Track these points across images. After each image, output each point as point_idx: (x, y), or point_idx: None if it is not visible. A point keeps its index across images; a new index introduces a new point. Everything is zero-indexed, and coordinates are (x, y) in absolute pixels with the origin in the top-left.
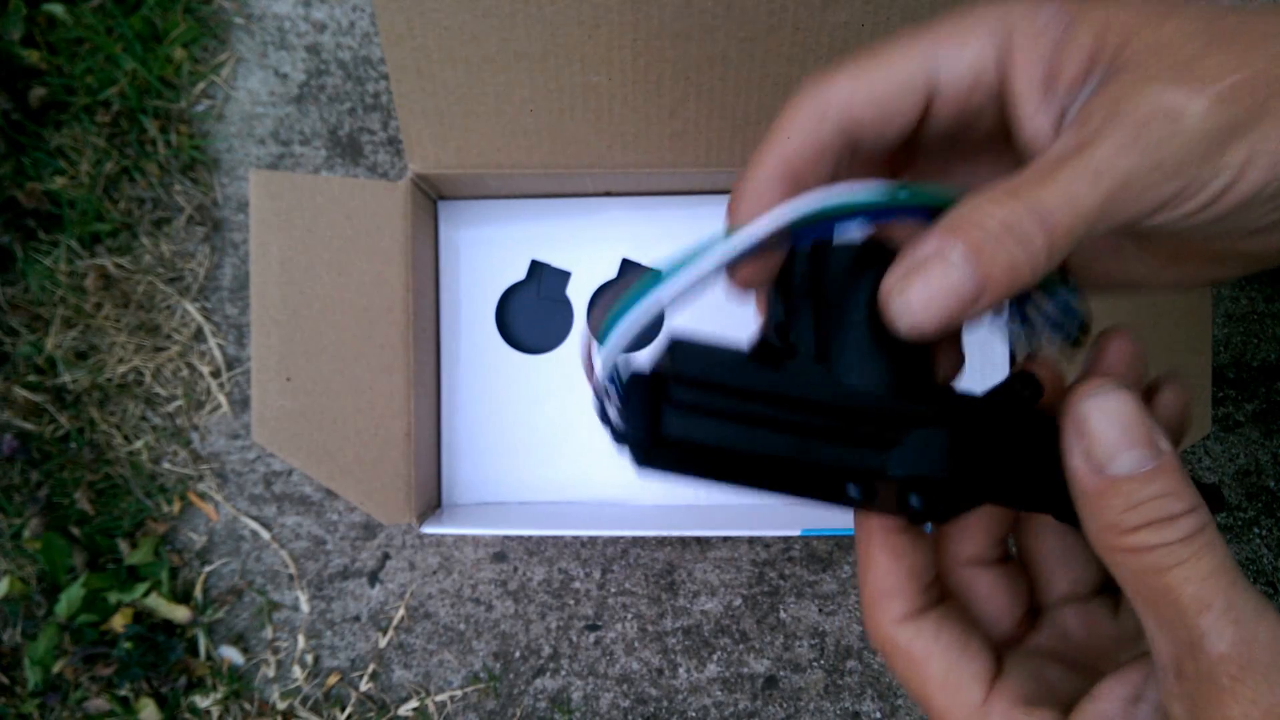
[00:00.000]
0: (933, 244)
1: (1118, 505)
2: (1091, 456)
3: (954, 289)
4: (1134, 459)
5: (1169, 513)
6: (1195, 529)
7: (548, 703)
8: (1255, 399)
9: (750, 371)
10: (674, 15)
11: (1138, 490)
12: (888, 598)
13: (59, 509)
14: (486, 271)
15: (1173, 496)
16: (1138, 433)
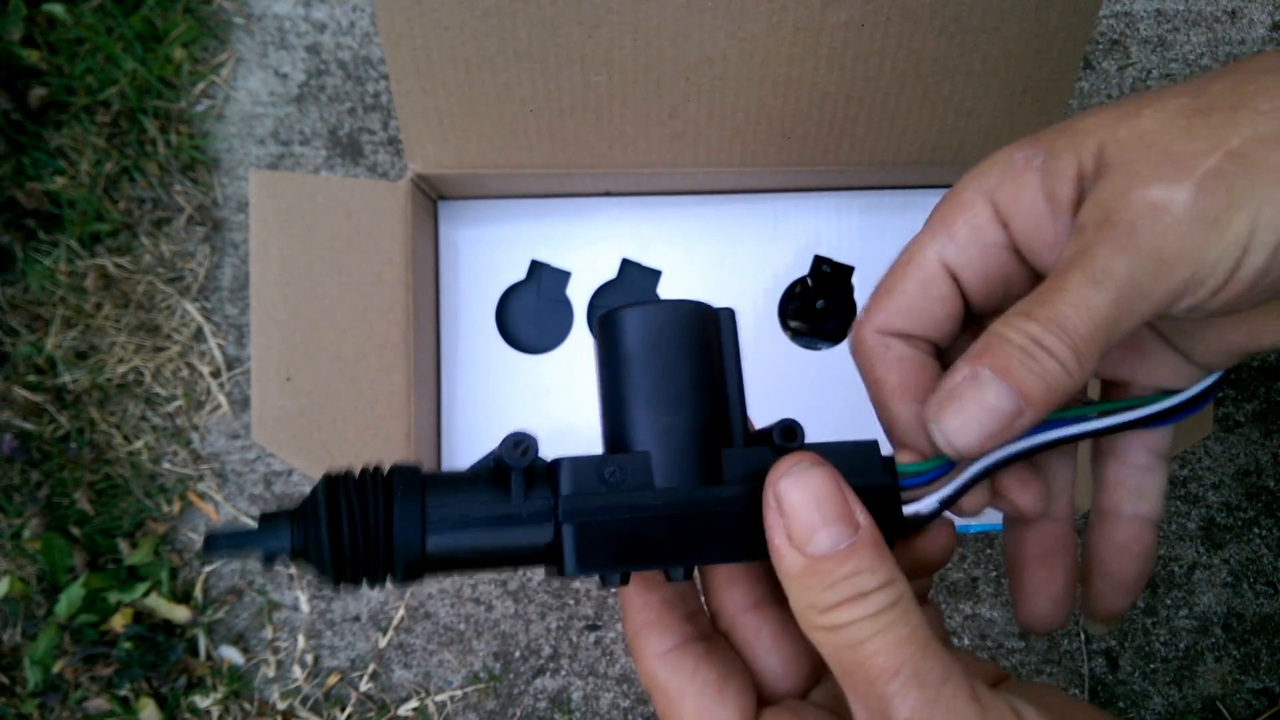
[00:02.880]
0: (963, 370)
1: (815, 585)
2: (792, 536)
3: (991, 410)
4: (830, 537)
5: (862, 589)
6: (887, 603)
7: (548, 703)
8: (1255, 399)
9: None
10: (674, 16)
11: (834, 569)
12: (647, 631)
13: (59, 509)
14: (486, 271)
15: (867, 573)
16: (834, 510)
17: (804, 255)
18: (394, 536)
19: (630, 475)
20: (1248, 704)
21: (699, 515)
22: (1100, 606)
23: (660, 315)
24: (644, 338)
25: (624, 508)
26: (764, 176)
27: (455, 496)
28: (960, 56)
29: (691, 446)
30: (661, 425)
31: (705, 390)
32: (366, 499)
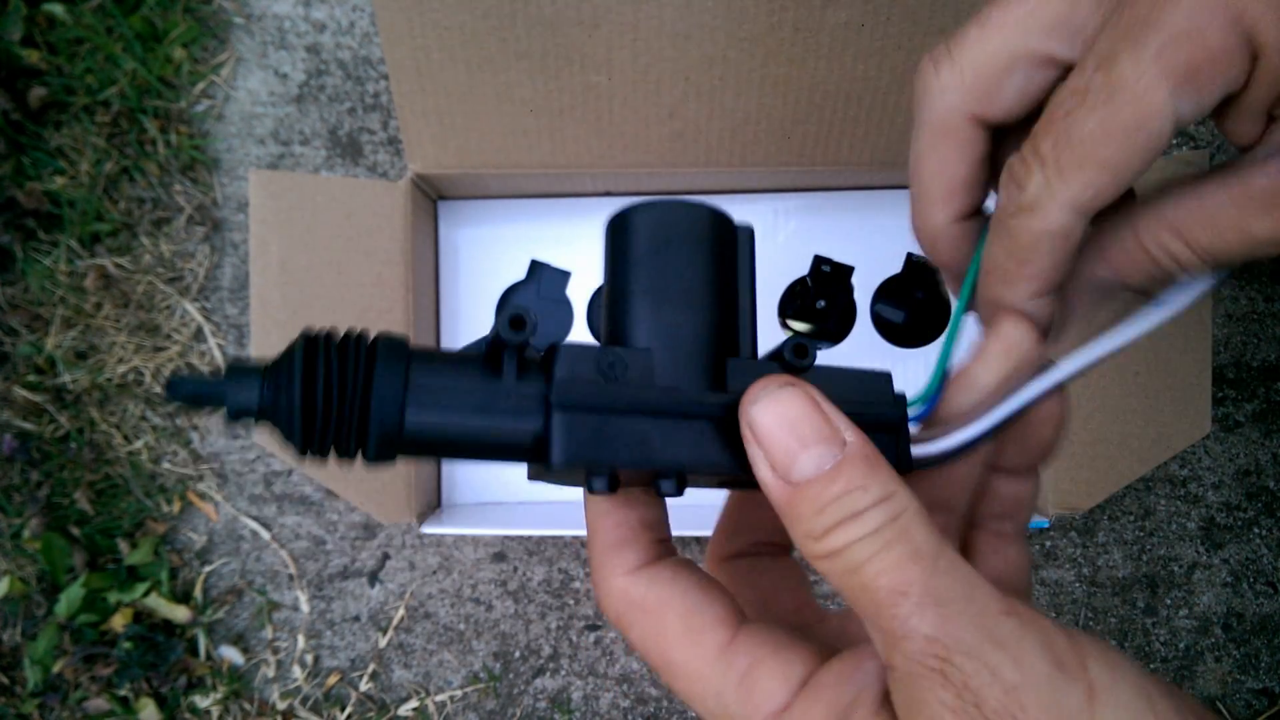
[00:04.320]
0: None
1: (806, 512)
2: (774, 465)
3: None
4: (813, 460)
5: (855, 509)
6: (886, 519)
7: (548, 703)
8: (1255, 399)
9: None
10: (674, 15)
11: (821, 492)
12: (617, 550)
13: (59, 509)
14: (486, 271)
15: (858, 490)
16: (812, 429)
17: (804, 255)
18: (371, 403)
19: (631, 369)
20: (1248, 704)
21: (700, 420)
22: None
23: (676, 213)
24: (656, 234)
25: (622, 400)
26: (764, 176)
27: (443, 371)
28: None
29: (697, 348)
30: (667, 323)
31: (716, 295)
32: (347, 361)
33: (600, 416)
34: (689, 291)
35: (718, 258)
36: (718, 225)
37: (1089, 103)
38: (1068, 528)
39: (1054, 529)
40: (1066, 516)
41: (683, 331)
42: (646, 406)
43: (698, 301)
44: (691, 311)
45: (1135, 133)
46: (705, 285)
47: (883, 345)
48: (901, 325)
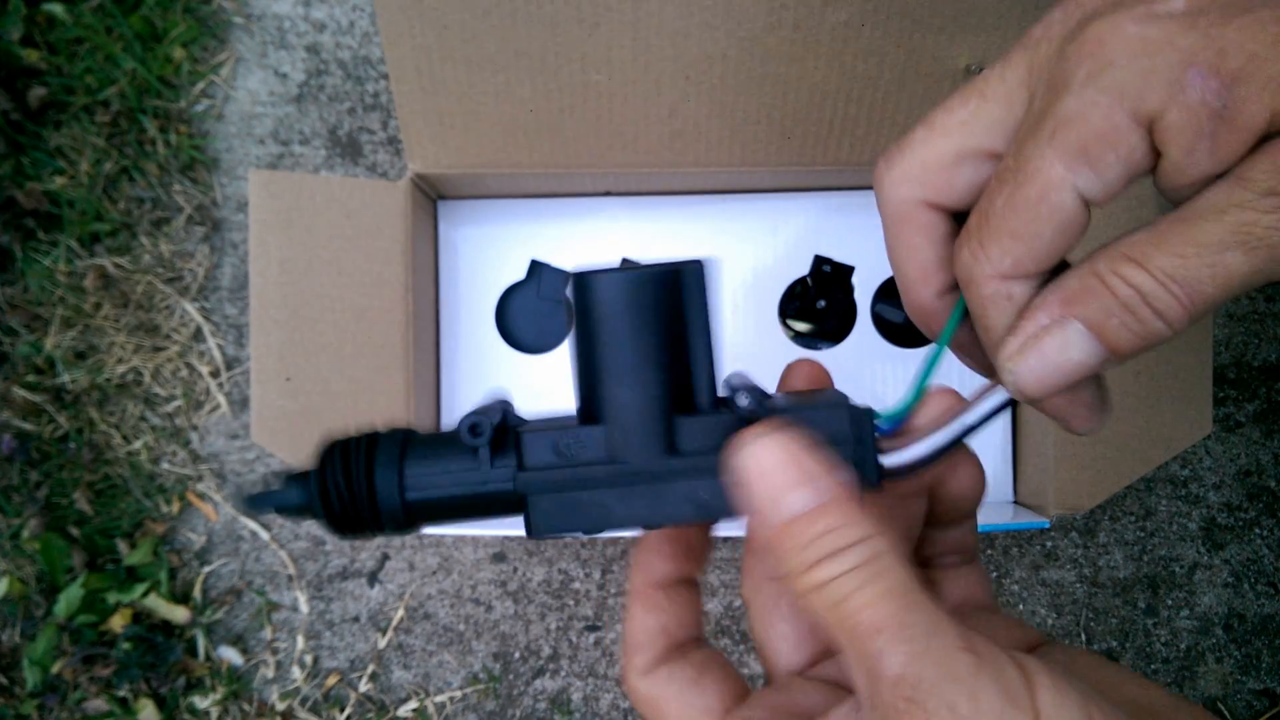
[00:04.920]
0: (1051, 313)
1: (791, 548)
2: (758, 508)
3: (1074, 365)
4: (796, 501)
5: (837, 545)
6: (866, 557)
7: (548, 703)
8: (1255, 399)
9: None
10: (674, 15)
11: (805, 529)
12: (634, 650)
13: (58, 509)
14: (486, 271)
15: (841, 529)
16: (796, 474)
17: (804, 255)
18: (378, 500)
19: (586, 449)
20: (1249, 705)
21: (650, 484)
22: None
23: (615, 285)
24: (601, 311)
25: (576, 480)
26: (764, 176)
27: (431, 459)
28: (960, 56)
29: (645, 418)
30: (616, 397)
31: (661, 361)
32: (350, 468)
33: (562, 495)
34: (633, 365)
35: (661, 321)
36: (660, 286)
37: (999, 182)
38: (1068, 528)
39: (1055, 529)
40: (1067, 517)
41: (631, 403)
42: (599, 482)
43: (643, 373)
44: (638, 384)
45: (1036, 205)
46: (649, 355)
47: (883, 345)
48: (901, 325)
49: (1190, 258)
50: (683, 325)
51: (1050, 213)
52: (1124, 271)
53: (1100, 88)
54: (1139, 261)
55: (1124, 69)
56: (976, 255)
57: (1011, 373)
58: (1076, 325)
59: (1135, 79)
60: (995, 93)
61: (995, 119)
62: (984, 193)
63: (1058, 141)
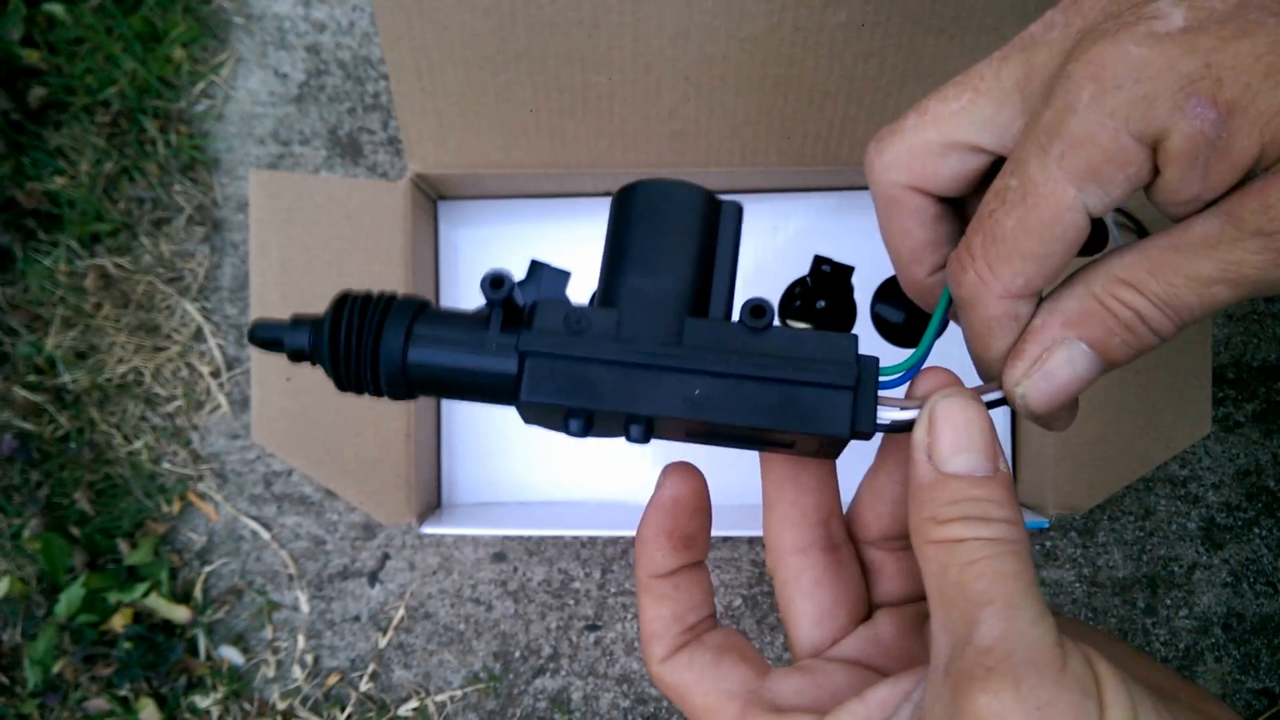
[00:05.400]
0: (1053, 335)
1: (942, 498)
2: (933, 453)
3: (1078, 380)
4: (970, 461)
5: (987, 514)
6: (1006, 535)
7: (548, 703)
8: (1255, 399)
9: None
10: (674, 15)
11: (966, 490)
12: (652, 641)
13: (59, 509)
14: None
15: (996, 504)
16: (981, 442)
17: (804, 255)
18: (379, 348)
19: (594, 325)
20: (1248, 704)
21: (649, 371)
22: None
23: (660, 190)
24: (639, 208)
25: (579, 350)
26: (764, 176)
27: (442, 323)
28: (960, 56)
29: (658, 308)
30: (635, 286)
31: (686, 261)
32: (366, 315)
33: (562, 363)
34: (659, 257)
35: (694, 229)
36: (699, 202)
37: (1008, 204)
38: (1068, 528)
39: (1054, 529)
40: (1066, 516)
41: (648, 294)
42: (601, 357)
43: (666, 267)
44: (660, 275)
45: (1051, 226)
46: (676, 252)
47: (883, 345)
48: (901, 325)
49: (1181, 287)
50: (712, 246)
51: (1064, 232)
52: (1122, 295)
53: (1107, 110)
54: (1136, 287)
55: (1129, 92)
56: (985, 277)
57: (1022, 396)
58: (1080, 345)
59: (1140, 103)
60: (990, 89)
61: (986, 116)
62: (982, 209)
63: (1067, 163)
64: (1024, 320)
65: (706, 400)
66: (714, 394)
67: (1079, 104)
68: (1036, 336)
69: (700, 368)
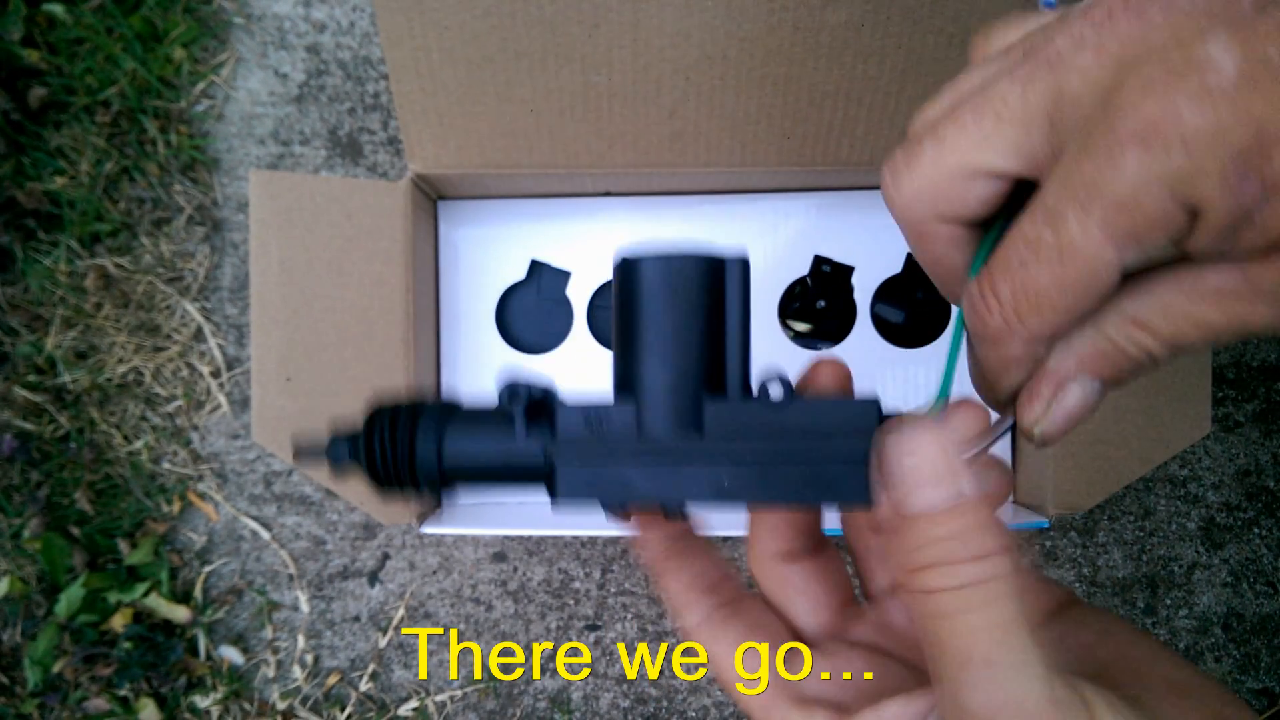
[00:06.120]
0: (1068, 373)
1: (908, 545)
2: (892, 492)
3: (1086, 410)
4: (928, 498)
5: (957, 555)
6: (975, 579)
7: (548, 703)
8: (1255, 399)
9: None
10: (674, 15)
11: (927, 530)
12: (679, 610)
13: (59, 509)
14: (486, 271)
15: (961, 541)
16: (933, 472)
17: (804, 255)
18: (417, 466)
19: (615, 423)
20: (1248, 704)
21: (674, 463)
22: None
23: (658, 267)
24: (645, 290)
25: (604, 453)
26: (764, 176)
27: (469, 431)
28: (960, 56)
29: (675, 396)
30: (650, 375)
31: (697, 343)
32: (397, 434)
33: (589, 466)
34: (669, 343)
35: (701, 305)
36: (704, 272)
37: (1042, 258)
38: (1068, 528)
39: (1054, 529)
40: (1066, 516)
41: (663, 383)
42: (625, 455)
43: (678, 351)
44: (672, 363)
45: (1088, 286)
46: (686, 336)
47: (883, 345)
48: (901, 325)
49: (1189, 331)
50: (720, 313)
51: (1100, 290)
52: (1135, 337)
53: (1154, 175)
54: (1148, 329)
55: (1178, 161)
56: (1011, 324)
57: (1040, 433)
58: (1094, 382)
59: (1188, 172)
60: (1015, 115)
61: (1013, 142)
62: (1010, 255)
63: (1109, 226)
64: (1040, 360)
65: (735, 487)
66: (741, 479)
67: (1125, 166)
68: (1052, 377)
69: (725, 456)
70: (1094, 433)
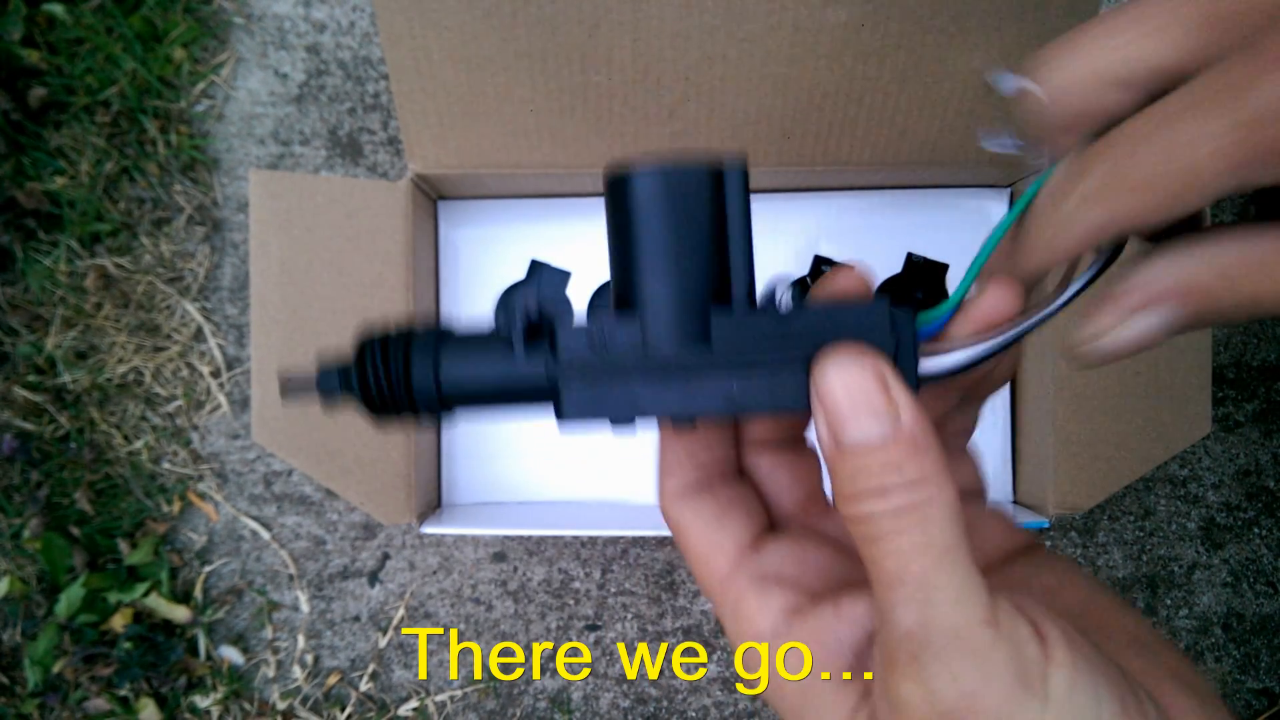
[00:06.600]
0: (1162, 293)
1: (844, 472)
2: (828, 423)
3: (1154, 340)
4: (861, 429)
5: (889, 482)
6: (907, 503)
7: (548, 702)
8: (1255, 399)
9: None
10: (674, 16)
11: (862, 459)
12: (666, 474)
13: (59, 509)
14: (486, 271)
15: (893, 467)
16: (868, 402)
17: (804, 255)
18: (414, 390)
19: (619, 338)
20: (1248, 704)
21: (682, 376)
22: None
23: (655, 182)
24: (640, 206)
25: (608, 368)
26: (764, 176)
27: (467, 355)
28: (960, 56)
29: (680, 310)
30: (652, 288)
31: (699, 255)
32: (391, 360)
33: (595, 384)
34: (672, 258)
35: (701, 217)
36: (702, 185)
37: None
38: (1068, 528)
39: (1054, 529)
40: (1066, 516)
41: (667, 296)
42: (631, 371)
43: (680, 264)
44: (676, 278)
45: (1191, 183)
46: (688, 247)
47: None
48: None
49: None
50: (722, 223)
51: (1203, 193)
52: (1250, 278)
53: None
54: (1267, 275)
55: None
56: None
57: (1099, 351)
58: (1180, 312)
59: None
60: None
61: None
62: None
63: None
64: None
65: (744, 394)
66: (751, 387)
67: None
68: (1141, 292)
69: (732, 365)
70: (1094, 433)
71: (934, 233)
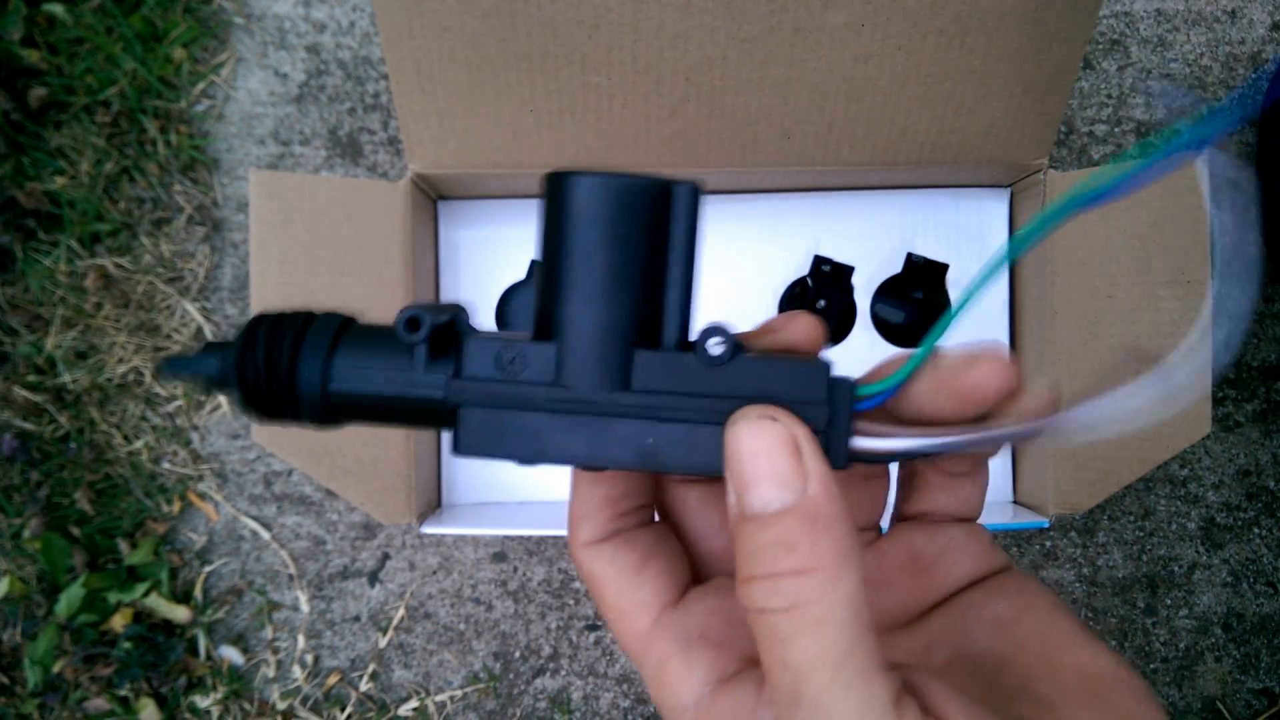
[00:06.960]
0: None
1: (743, 548)
2: (735, 487)
3: None
4: (763, 496)
5: (777, 567)
6: (802, 599)
7: (548, 703)
8: (1255, 399)
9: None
10: (674, 15)
11: (757, 532)
12: (578, 521)
13: (59, 509)
14: (486, 271)
15: (787, 547)
16: (776, 469)
17: (804, 255)
18: (299, 384)
19: (530, 366)
20: (1248, 704)
21: (594, 418)
22: None
23: (593, 190)
24: (575, 216)
25: (514, 398)
26: (764, 176)
27: (362, 355)
28: (960, 56)
29: (601, 343)
30: (574, 316)
31: (631, 283)
32: (275, 347)
33: (497, 413)
34: (600, 281)
35: (638, 240)
36: (646, 200)
37: None
38: (1068, 528)
39: (1054, 529)
40: (1066, 516)
41: (589, 326)
42: (539, 405)
43: (609, 291)
44: (600, 304)
45: None
46: (619, 272)
47: (882, 345)
48: (901, 325)
49: None
50: (664, 249)
51: None
52: None
53: None
54: None
55: None
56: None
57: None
58: None
59: None
60: None
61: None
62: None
63: None
64: None
65: (660, 448)
66: (669, 441)
67: None
68: None
69: (651, 414)
70: None
71: (934, 233)
